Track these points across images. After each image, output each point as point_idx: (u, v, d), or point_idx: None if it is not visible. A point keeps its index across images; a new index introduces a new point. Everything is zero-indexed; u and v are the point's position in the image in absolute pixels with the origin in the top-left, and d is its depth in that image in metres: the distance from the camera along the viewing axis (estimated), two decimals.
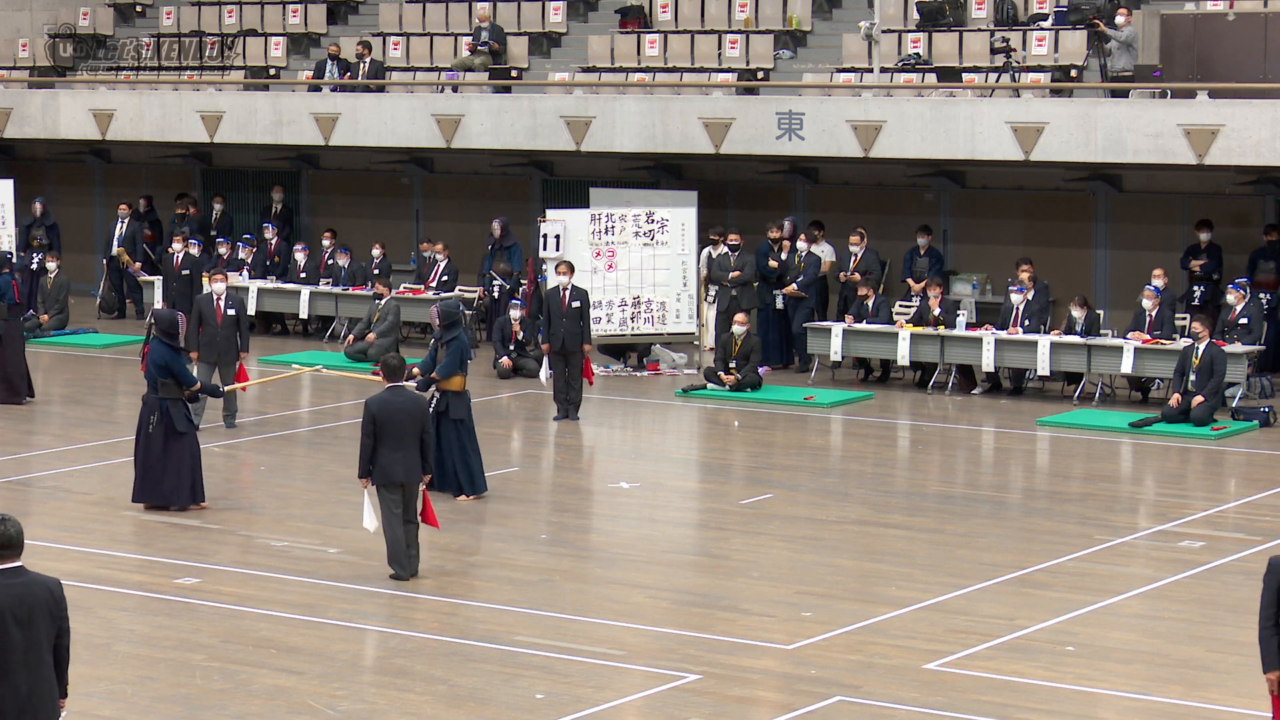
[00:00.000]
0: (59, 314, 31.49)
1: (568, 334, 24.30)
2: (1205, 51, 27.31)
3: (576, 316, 24.40)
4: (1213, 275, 27.03)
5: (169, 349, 19.23)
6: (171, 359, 19.19)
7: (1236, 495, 20.53)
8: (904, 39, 30.42)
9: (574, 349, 24.26)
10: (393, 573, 16.66)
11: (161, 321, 19.41)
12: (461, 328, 20.42)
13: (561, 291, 24.54)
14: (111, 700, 13.57)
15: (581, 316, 24.45)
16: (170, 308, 25.01)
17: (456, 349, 19.97)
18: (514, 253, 29.54)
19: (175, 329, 19.40)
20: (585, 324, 24.49)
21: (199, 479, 19.26)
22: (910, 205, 29.84)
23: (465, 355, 20.13)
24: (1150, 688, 13.97)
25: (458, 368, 19.92)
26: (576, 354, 24.32)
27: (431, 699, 13.61)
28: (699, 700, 13.58)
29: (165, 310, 20.04)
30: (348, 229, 33.08)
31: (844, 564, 17.55)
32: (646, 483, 20.69)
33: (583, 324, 24.42)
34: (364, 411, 16.68)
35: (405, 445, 16.56)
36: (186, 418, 19.26)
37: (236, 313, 23.26)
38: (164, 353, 19.18)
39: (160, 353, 19.18)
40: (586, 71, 32.39)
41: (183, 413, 19.20)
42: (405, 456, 16.56)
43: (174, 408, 19.10)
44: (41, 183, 36.06)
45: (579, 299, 24.52)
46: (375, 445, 16.51)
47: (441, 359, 19.97)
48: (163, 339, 19.26)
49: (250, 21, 36.66)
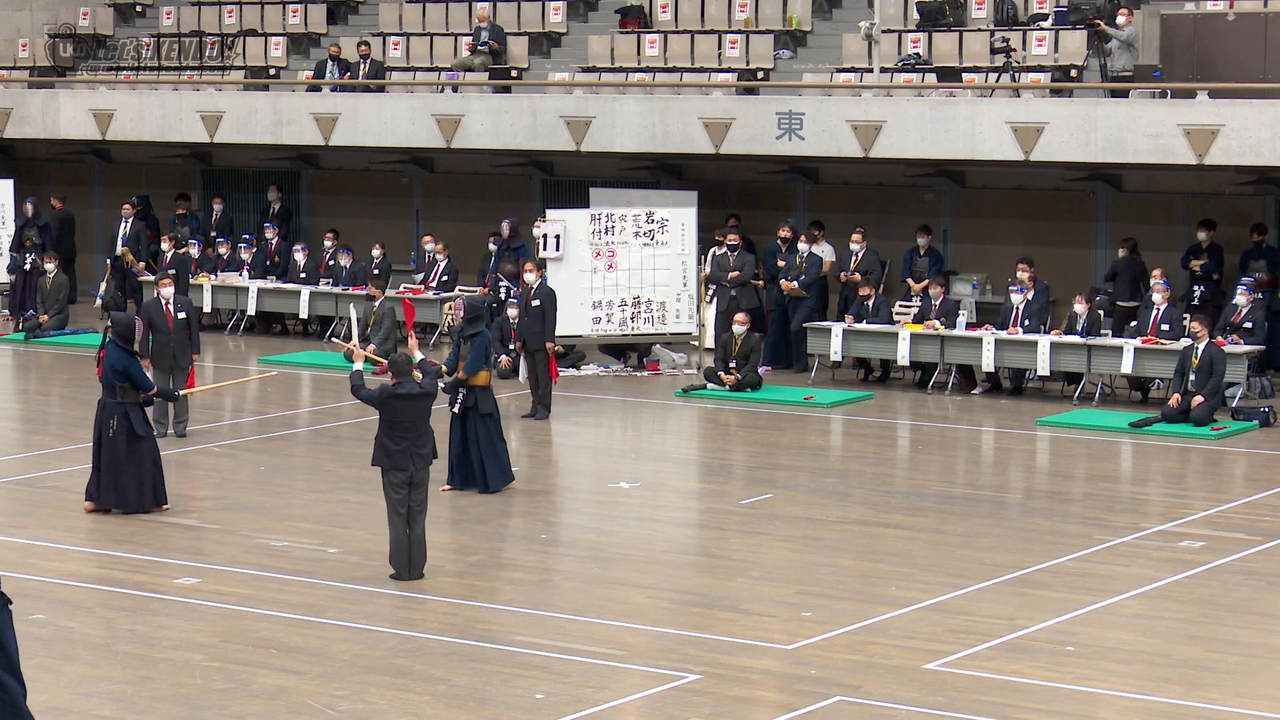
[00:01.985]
0: (59, 314, 31.49)
1: (529, 332, 24.41)
2: (1205, 51, 27.31)
3: (539, 315, 24.47)
4: (1213, 275, 27.02)
5: (125, 353, 19.14)
6: (128, 363, 19.08)
7: (1236, 495, 20.52)
8: (904, 39, 30.42)
9: (535, 347, 24.34)
10: (393, 572, 16.66)
11: (118, 325, 19.32)
12: (485, 323, 20.53)
13: (530, 290, 24.71)
14: (111, 700, 13.57)
15: (544, 315, 24.49)
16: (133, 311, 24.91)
17: (481, 344, 20.07)
18: (521, 254, 29.51)
19: (132, 333, 19.38)
20: (548, 323, 24.54)
21: (160, 482, 19.20)
22: (910, 205, 29.84)
23: (489, 350, 20.21)
24: (1150, 688, 13.97)
25: (483, 363, 20.02)
26: (539, 352, 24.37)
27: (431, 699, 13.61)
28: (699, 700, 13.58)
29: (123, 314, 19.92)
30: (348, 229, 33.08)
31: (844, 564, 17.55)
32: (646, 483, 20.69)
33: (545, 322, 24.48)
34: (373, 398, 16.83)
35: (415, 435, 16.59)
36: (145, 421, 19.20)
37: (187, 316, 22.75)
38: (120, 357, 19.08)
39: (116, 357, 19.09)
40: (586, 71, 32.40)
41: (141, 416, 19.13)
42: (411, 446, 16.58)
43: (133, 412, 19.03)
44: (41, 183, 36.05)
45: (541, 297, 24.59)
46: (383, 436, 16.60)
47: (465, 355, 20.06)
48: (119, 343, 19.18)
49: (250, 21, 36.67)
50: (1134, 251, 27.48)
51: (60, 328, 31.43)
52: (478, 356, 19.94)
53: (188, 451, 22.29)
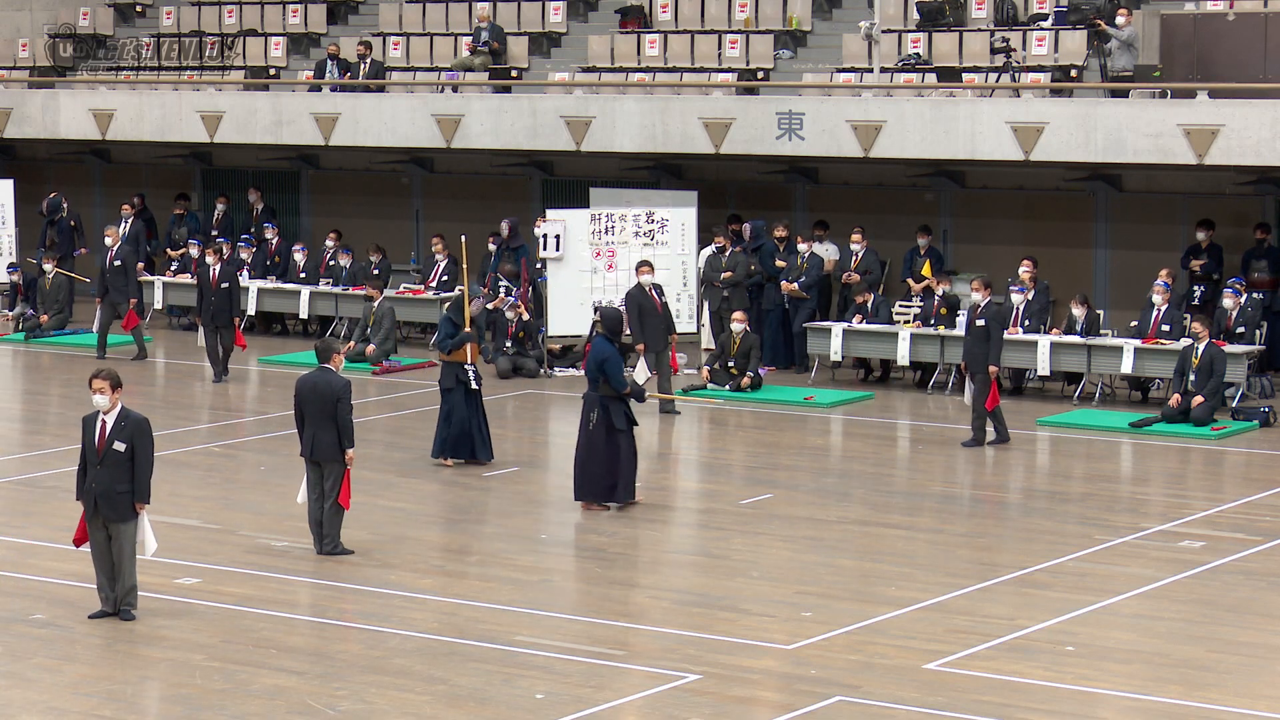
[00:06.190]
0: (59, 314, 31.49)
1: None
2: (1205, 51, 27.32)
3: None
4: (1213, 275, 27.02)
5: (610, 345, 19.50)
6: (608, 357, 19.32)
7: (1236, 495, 20.52)
8: (904, 39, 30.42)
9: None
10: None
11: (607, 320, 19.93)
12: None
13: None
14: (111, 700, 13.57)
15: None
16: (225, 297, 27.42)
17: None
18: (521, 254, 29.48)
19: (619, 326, 20.11)
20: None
21: (632, 477, 19.52)
22: (910, 205, 29.84)
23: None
24: (1150, 688, 13.97)
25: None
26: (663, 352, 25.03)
27: (431, 699, 13.61)
28: (699, 700, 13.58)
29: (612, 309, 20.60)
30: (348, 229, 33.07)
31: (844, 564, 17.55)
32: (646, 483, 20.68)
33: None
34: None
35: (318, 424, 17.34)
36: (625, 415, 19.47)
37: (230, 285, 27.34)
38: (605, 348, 19.41)
39: (600, 349, 19.43)
40: (586, 71, 32.40)
41: (621, 411, 19.42)
42: (317, 435, 17.35)
43: (612, 406, 19.36)
44: (41, 183, 36.04)
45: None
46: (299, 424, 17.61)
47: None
48: (607, 336, 19.65)
49: (250, 21, 36.67)
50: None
51: (60, 328, 31.42)
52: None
53: (188, 451, 22.30)
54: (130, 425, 15.25)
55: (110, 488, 15.22)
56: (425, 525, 18.89)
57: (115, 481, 15.22)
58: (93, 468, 15.29)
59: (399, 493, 20.20)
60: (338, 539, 17.47)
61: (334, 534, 17.48)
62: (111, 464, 15.21)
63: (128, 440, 15.22)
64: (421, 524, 18.92)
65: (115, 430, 15.23)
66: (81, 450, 15.46)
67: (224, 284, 27.43)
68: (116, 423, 15.26)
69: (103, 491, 15.24)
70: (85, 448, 15.40)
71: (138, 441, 15.26)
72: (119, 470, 15.23)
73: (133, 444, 15.23)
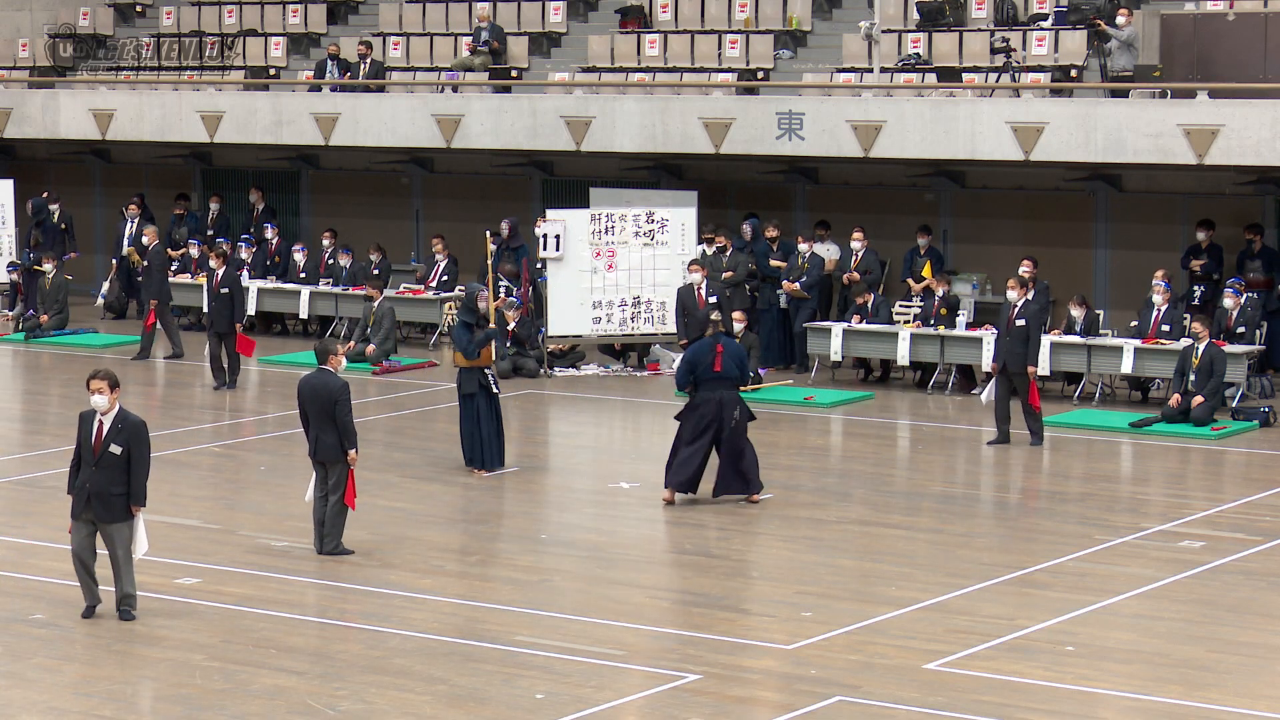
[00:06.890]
0: (58, 314, 31.48)
1: None
2: (1205, 51, 27.32)
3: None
4: (1213, 275, 27.02)
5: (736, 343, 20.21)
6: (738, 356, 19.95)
7: (1236, 495, 20.53)
8: (904, 39, 30.42)
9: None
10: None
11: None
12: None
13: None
14: (111, 700, 13.57)
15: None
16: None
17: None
18: (521, 254, 29.48)
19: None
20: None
21: (754, 472, 19.80)
22: (910, 205, 29.83)
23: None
24: (1150, 688, 13.97)
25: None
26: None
27: (431, 699, 13.61)
28: (699, 700, 13.58)
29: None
30: (348, 229, 33.08)
31: (844, 564, 17.55)
32: (646, 483, 20.67)
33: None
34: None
35: (320, 425, 17.36)
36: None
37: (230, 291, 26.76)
38: (739, 350, 19.97)
39: (737, 348, 19.94)
40: (586, 71, 32.40)
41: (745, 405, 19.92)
42: (320, 436, 17.38)
43: (742, 402, 19.88)
44: (41, 182, 36.04)
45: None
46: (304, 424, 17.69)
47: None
48: (725, 333, 20.25)
49: (250, 21, 36.67)
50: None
51: (60, 328, 31.42)
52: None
53: (188, 451, 22.30)
54: (127, 429, 15.23)
55: (105, 489, 15.20)
56: (425, 525, 18.89)
57: (110, 484, 15.21)
58: (87, 468, 15.28)
59: (399, 493, 20.20)
60: (339, 539, 17.47)
61: (336, 534, 17.47)
62: (106, 466, 15.20)
63: (124, 444, 15.20)
64: (421, 524, 18.92)
65: (112, 433, 15.22)
66: (76, 447, 15.44)
67: (224, 289, 26.90)
68: (114, 425, 15.24)
69: (97, 492, 15.22)
70: (80, 446, 15.39)
71: (134, 446, 15.24)
72: (114, 473, 15.21)
73: (129, 448, 15.21)
